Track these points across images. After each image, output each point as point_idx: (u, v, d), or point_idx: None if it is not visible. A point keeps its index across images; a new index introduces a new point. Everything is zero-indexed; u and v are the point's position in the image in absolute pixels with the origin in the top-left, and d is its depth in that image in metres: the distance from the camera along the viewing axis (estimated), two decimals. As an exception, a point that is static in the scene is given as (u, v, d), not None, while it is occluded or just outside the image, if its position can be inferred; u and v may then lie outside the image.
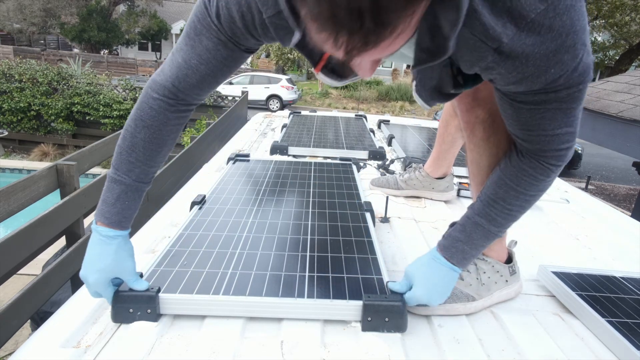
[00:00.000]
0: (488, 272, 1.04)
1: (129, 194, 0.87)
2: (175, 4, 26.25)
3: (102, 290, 0.87)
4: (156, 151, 0.88)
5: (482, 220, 0.89)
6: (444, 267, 0.91)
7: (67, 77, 9.20)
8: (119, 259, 0.87)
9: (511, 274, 1.07)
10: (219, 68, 0.82)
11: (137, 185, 0.88)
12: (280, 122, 3.19)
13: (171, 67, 0.83)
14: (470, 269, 1.04)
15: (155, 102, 0.85)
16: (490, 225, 0.88)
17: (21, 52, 17.39)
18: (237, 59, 0.82)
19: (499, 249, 1.08)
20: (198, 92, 0.86)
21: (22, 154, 9.33)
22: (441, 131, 1.61)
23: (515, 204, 0.87)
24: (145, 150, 0.86)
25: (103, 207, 0.87)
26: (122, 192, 0.87)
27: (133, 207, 0.89)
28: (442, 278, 0.91)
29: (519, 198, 0.86)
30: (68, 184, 2.14)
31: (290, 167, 1.88)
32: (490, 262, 1.06)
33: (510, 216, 0.88)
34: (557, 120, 0.74)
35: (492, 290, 1.04)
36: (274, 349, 0.85)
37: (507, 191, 0.86)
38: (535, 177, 0.83)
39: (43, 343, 0.84)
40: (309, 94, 19.18)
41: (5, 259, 1.58)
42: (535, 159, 0.82)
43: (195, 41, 0.79)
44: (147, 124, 0.85)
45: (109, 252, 0.86)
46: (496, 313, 1.03)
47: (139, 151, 0.86)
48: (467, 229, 0.91)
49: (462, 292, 1.01)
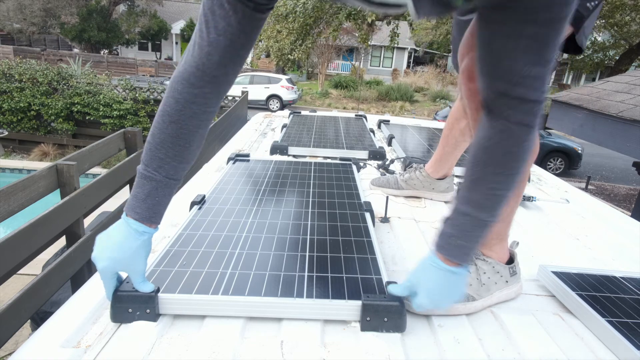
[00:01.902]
0: (488, 273, 1.05)
1: (160, 191, 0.87)
2: (175, 4, 26.25)
3: (107, 279, 0.86)
4: (185, 147, 0.87)
5: (469, 208, 0.84)
6: (443, 271, 0.86)
7: (67, 77, 9.20)
8: (136, 256, 0.86)
9: (511, 275, 1.07)
10: (237, 35, 0.81)
11: (167, 181, 0.87)
12: (280, 122, 3.18)
13: (192, 52, 0.83)
14: (471, 269, 1.04)
15: (180, 95, 0.84)
16: (479, 213, 0.83)
17: (21, 52, 17.39)
18: (250, 20, 0.81)
19: (500, 250, 1.08)
20: (224, 71, 0.85)
21: (22, 154, 9.33)
22: (446, 133, 1.60)
23: (497, 182, 0.81)
24: (174, 146, 0.86)
25: (134, 202, 0.86)
26: (153, 188, 0.86)
27: (164, 204, 0.88)
28: (445, 283, 0.87)
29: (498, 174, 0.81)
30: (68, 184, 2.14)
31: (290, 167, 1.88)
32: (491, 263, 1.06)
33: (497, 197, 0.82)
34: (529, 54, 0.72)
35: (492, 290, 1.05)
36: (273, 349, 0.85)
37: (483, 169, 0.82)
38: (506, 144, 0.79)
39: (43, 343, 0.84)
40: (309, 94, 19.18)
41: (5, 259, 1.58)
42: (502, 120, 0.78)
43: (208, 16, 0.80)
44: (174, 119, 0.84)
45: (130, 246, 0.84)
46: (496, 313, 1.03)
47: (167, 147, 0.85)
48: (457, 222, 0.86)
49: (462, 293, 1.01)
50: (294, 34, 10.24)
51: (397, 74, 25.16)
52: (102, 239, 0.85)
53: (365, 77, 22.58)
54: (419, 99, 20.43)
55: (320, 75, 20.97)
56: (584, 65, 16.73)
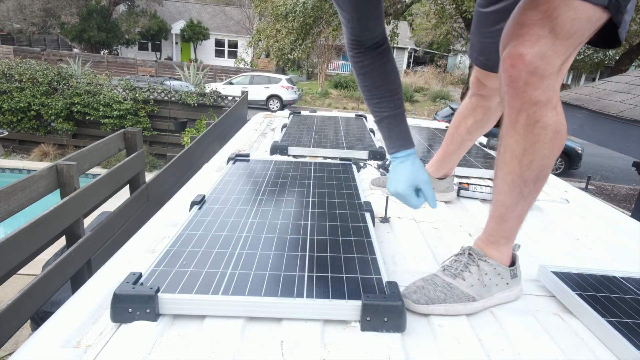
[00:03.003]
0: (490, 274, 1.04)
1: (394, 122, 1.14)
2: (175, 4, 26.24)
3: (410, 197, 1.09)
4: (385, 83, 1.12)
5: None
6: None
7: (67, 77, 9.20)
8: (415, 170, 1.10)
9: (512, 277, 1.07)
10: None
11: (393, 113, 1.13)
12: (280, 122, 3.19)
13: (345, 29, 1.09)
14: (472, 270, 1.04)
15: (353, 58, 1.12)
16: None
17: (21, 52, 17.39)
18: None
19: (506, 251, 1.08)
20: (372, 29, 1.06)
21: (22, 154, 9.33)
22: (451, 132, 1.59)
23: None
24: (378, 88, 1.12)
25: (387, 142, 1.16)
26: (389, 124, 1.14)
27: (404, 128, 1.14)
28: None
29: None
30: (68, 184, 2.14)
31: (290, 167, 1.88)
32: (493, 264, 1.06)
33: None
34: None
35: (493, 292, 1.05)
36: (273, 348, 0.85)
37: None
38: None
39: (43, 343, 0.84)
40: (309, 94, 19.18)
41: (5, 259, 1.58)
42: None
43: None
44: (363, 71, 1.12)
45: (406, 167, 1.11)
46: (496, 313, 1.03)
47: (375, 92, 1.13)
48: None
49: (463, 293, 1.02)
50: (294, 33, 10.23)
51: (397, 74, 25.14)
52: (390, 177, 1.14)
53: (365, 77, 22.54)
54: (419, 99, 20.43)
55: (320, 75, 20.96)
56: (583, 65, 16.71)
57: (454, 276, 1.04)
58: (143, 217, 2.63)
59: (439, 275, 1.06)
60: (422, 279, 1.06)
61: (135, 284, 0.92)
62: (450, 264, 1.08)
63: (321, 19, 10.36)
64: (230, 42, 25.64)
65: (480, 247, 1.09)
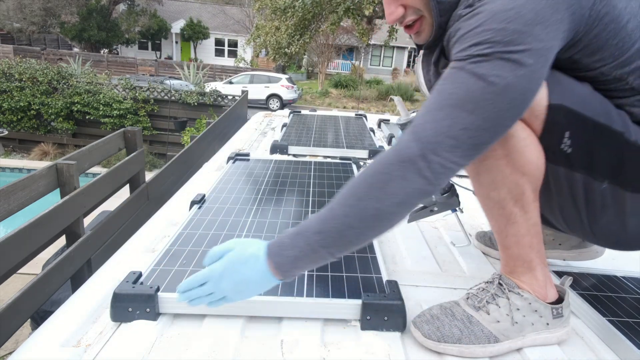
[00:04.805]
0: (523, 310, 0.86)
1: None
2: (175, 3, 26.22)
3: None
4: None
5: None
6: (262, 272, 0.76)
7: (67, 76, 9.19)
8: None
9: (555, 317, 0.88)
10: None
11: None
12: (280, 121, 3.18)
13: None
14: (501, 303, 0.87)
15: None
16: None
17: (21, 51, 17.37)
18: None
19: (533, 281, 0.88)
20: None
21: (22, 153, 9.32)
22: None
23: None
24: None
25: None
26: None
27: None
28: (254, 282, 0.77)
29: None
30: (68, 184, 2.14)
31: (290, 166, 1.88)
32: (528, 299, 0.87)
33: None
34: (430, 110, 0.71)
35: (526, 332, 0.87)
36: (273, 348, 0.85)
37: None
38: None
39: (43, 342, 0.84)
40: (309, 93, 19.17)
41: (5, 259, 1.57)
42: None
43: None
44: None
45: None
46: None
47: None
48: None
49: (484, 331, 0.85)
50: (292, 28, 10.22)
51: (397, 74, 25.14)
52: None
53: (365, 76, 22.57)
54: (419, 98, 20.42)
55: (320, 74, 20.95)
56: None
57: (477, 308, 0.88)
58: (143, 217, 2.63)
59: (460, 305, 0.90)
60: (440, 305, 0.91)
61: (135, 283, 0.92)
62: (477, 292, 0.91)
63: (320, 15, 10.35)
64: (230, 42, 25.63)
65: (507, 275, 0.90)
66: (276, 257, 0.75)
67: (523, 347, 0.88)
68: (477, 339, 0.84)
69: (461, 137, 0.68)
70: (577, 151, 0.81)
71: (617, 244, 0.92)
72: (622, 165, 0.80)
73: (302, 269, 0.77)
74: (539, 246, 0.87)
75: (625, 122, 0.80)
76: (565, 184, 0.84)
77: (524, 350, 0.88)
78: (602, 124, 0.79)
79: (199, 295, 0.78)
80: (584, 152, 0.81)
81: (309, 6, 9.65)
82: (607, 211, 0.84)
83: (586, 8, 0.71)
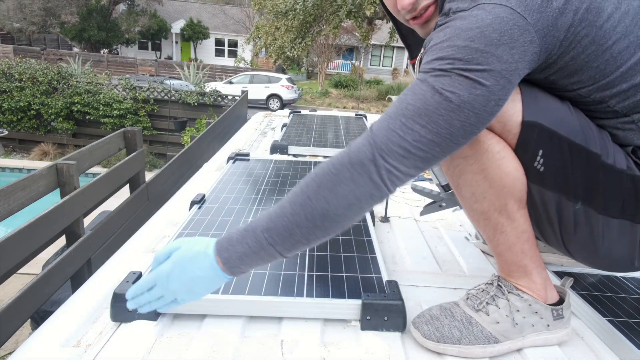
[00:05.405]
0: (523, 311, 0.87)
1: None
2: (175, 3, 26.22)
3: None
4: None
5: None
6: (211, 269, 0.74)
7: (67, 76, 9.19)
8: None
9: (556, 318, 0.88)
10: None
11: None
12: (280, 121, 3.18)
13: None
14: (501, 305, 0.87)
15: None
16: None
17: (21, 51, 17.36)
18: None
19: (530, 283, 0.88)
20: None
21: (22, 154, 9.32)
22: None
23: None
24: None
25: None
26: None
27: None
28: (202, 279, 0.74)
29: None
30: (68, 184, 2.14)
31: (290, 166, 1.88)
32: (527, 300, 0.87)
33: None
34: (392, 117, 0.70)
35: (526, 333, 0.87)
36: (273, 348, 0.85)
37: None
38: None
39: (43, 342, 0.84)
40: (309, 93, 19.17)
41: (5, 259, 1.57)
42: None
43: None
44: None
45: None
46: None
47: None
48: None
49: (483, 332, 0.85)
50: (294, 31, 10.23)
51: (397, 73, 25.14)
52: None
53: (365, 76, 22.56)
54: (419, 99, 20.38)
55: (320, 74, 20.95)
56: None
57: (476, 309, 0.88)
58: (143, 217, 2.63)
59: (459, 305, 0.90)
60: (440, 306, 0.91)
61: (135, 283, 0.92)
62: (477, 293, 0.91)
63: (321, 18, 10.36)
64: (230, 42, 25.63)
65: (505, 278, 0.91)
66: (224, 253, 0.73)
67: (523, 347, 0.88)
68: (476, 339, 0.85)
69: (411, 149, 0.68)
70: (550, 170, 0.79)
71: (592, 264, 0.90)
72: (596, 188, 0.78)
73: (251, 266, 0.74)
74: (532, 252, 0.87)
75: (604, 143, 0.78)
76: (539, 201, 0.82)
77: (524, 351, 0.88)
78: (577, 145, 0.77)
79: (148, 300, 0.76)
80: (557, 171, 0.79)
81: (310, 9, 9.66)
82: (579, 231, 0.82)
83: (561, 30, 0.69)
